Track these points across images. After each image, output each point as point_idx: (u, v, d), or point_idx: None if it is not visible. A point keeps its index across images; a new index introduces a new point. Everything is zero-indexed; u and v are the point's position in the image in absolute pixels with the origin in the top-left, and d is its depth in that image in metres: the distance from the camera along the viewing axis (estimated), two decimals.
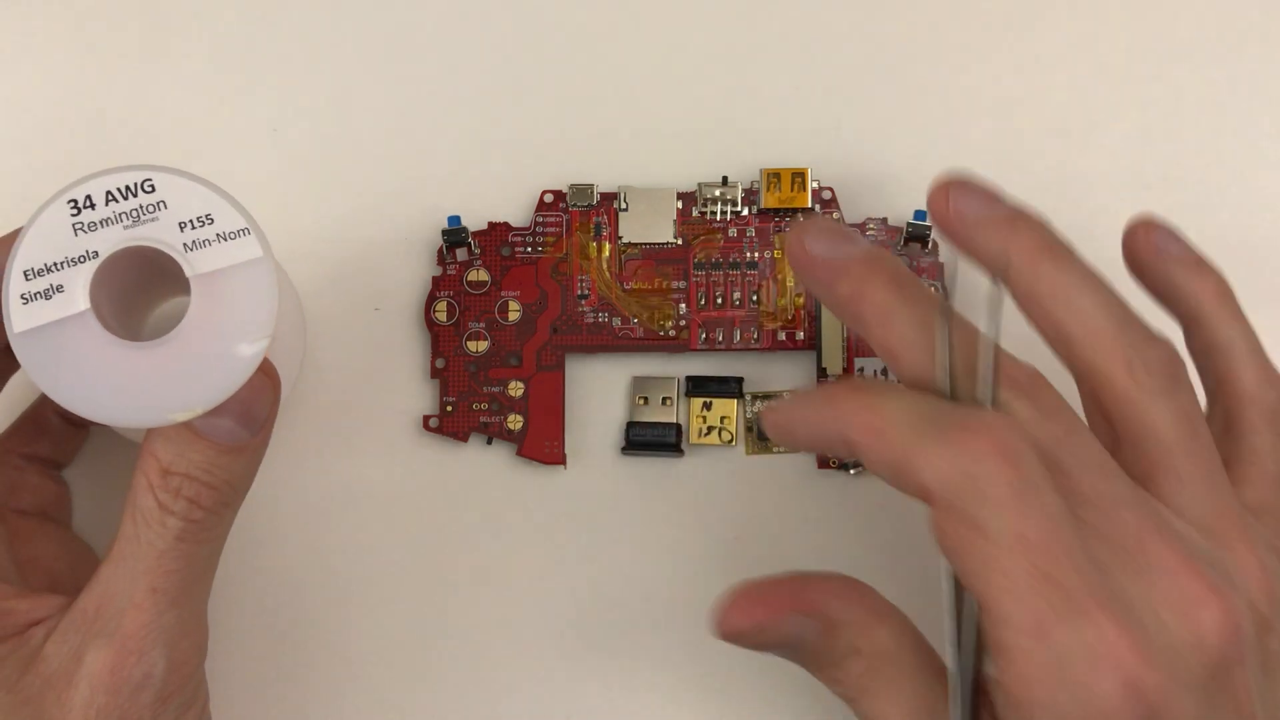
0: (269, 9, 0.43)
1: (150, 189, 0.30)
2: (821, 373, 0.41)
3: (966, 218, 0.33)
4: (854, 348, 0.41)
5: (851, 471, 0.41)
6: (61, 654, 0.31)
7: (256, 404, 0.31)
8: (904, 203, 0.42)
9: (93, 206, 0.30)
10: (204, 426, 0.31)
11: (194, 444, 0.31)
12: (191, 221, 0.30)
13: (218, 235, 0.30)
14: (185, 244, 0.30)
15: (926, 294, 0.32)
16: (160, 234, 0.30)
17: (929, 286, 0.33)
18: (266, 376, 0.31)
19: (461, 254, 0.41)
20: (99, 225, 0.30)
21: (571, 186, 0.42)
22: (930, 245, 0.41)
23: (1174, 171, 0.42)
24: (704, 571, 0.41)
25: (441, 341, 0.41)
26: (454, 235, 0.41)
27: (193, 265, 0.30)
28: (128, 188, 0.30)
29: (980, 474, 0.28)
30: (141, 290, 0.34)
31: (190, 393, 0.29)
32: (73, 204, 0.30)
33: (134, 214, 0.30)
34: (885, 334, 0.31)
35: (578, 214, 0.42)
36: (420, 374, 0.41)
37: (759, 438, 0.41)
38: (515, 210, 0.42)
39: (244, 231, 0.30)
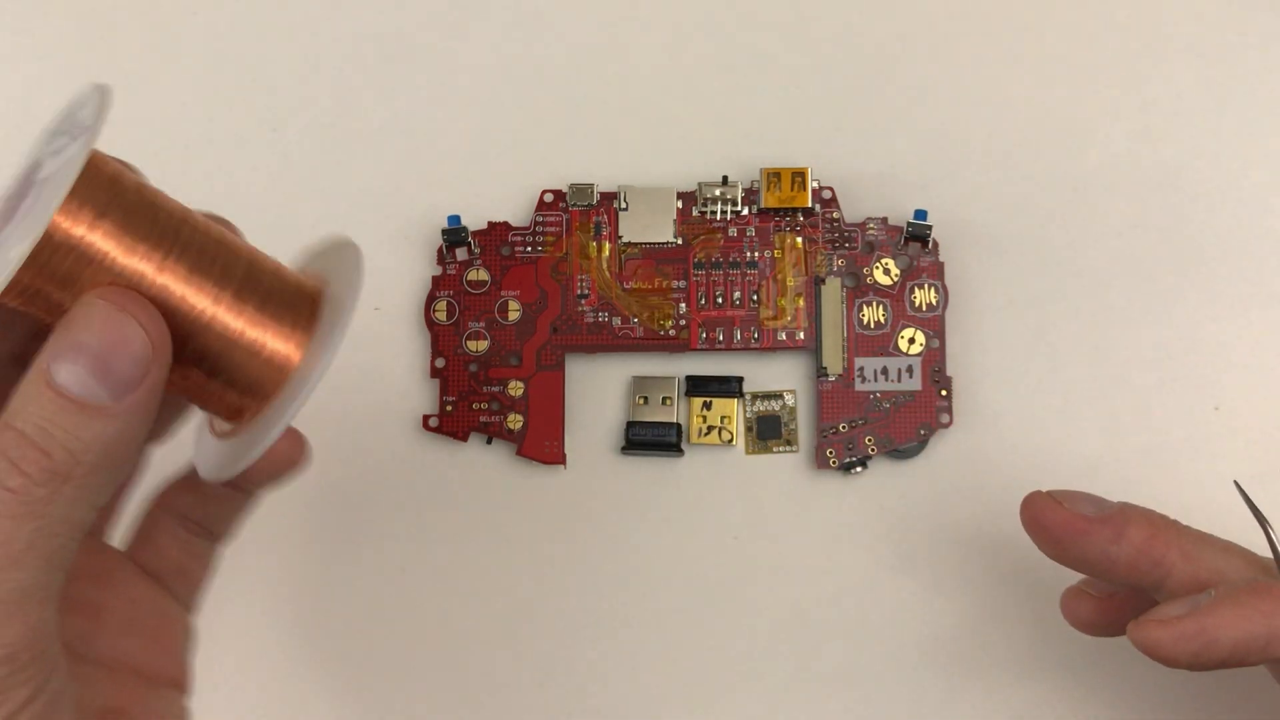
0: (269, 9, 0.43)
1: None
2: (821, 372, 0.41)
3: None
4: (854, 348, 0.41)
5: (853, 472, 0.41)
6: None
7: (118, 357, 0.25)
8: (904, 202, 0.42)
9: None
10: (53, 370, 0.25)
11: (38, 394, 0.25)
12: (62, 131, 0.27)
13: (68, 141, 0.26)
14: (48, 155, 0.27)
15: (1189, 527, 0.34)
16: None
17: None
18: (145, 331, 0.26)
19: (461, 253, 0.41)
20: None
21: (571, 186, 0.42)
22: (930, 245, 0.41)
23: (1174, 171, 0.42)
24: (704, 571, 0.41)
25: (441, 341, 0.41)
26: (454, 235, 0.41)
27: (39, 174, 0.26)
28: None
29: None
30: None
31: None
32: None
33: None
34: (1195, 567, 0.33)
35: (578, 214, 0.42)
36: (420, 374, 0.41)
37: (757, 436, 0.41)
38: (515, 210, 0.42)
39: (80, 133, 0.26)
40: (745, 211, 0.41)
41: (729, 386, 0.41)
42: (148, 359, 0.26)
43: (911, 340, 0.41)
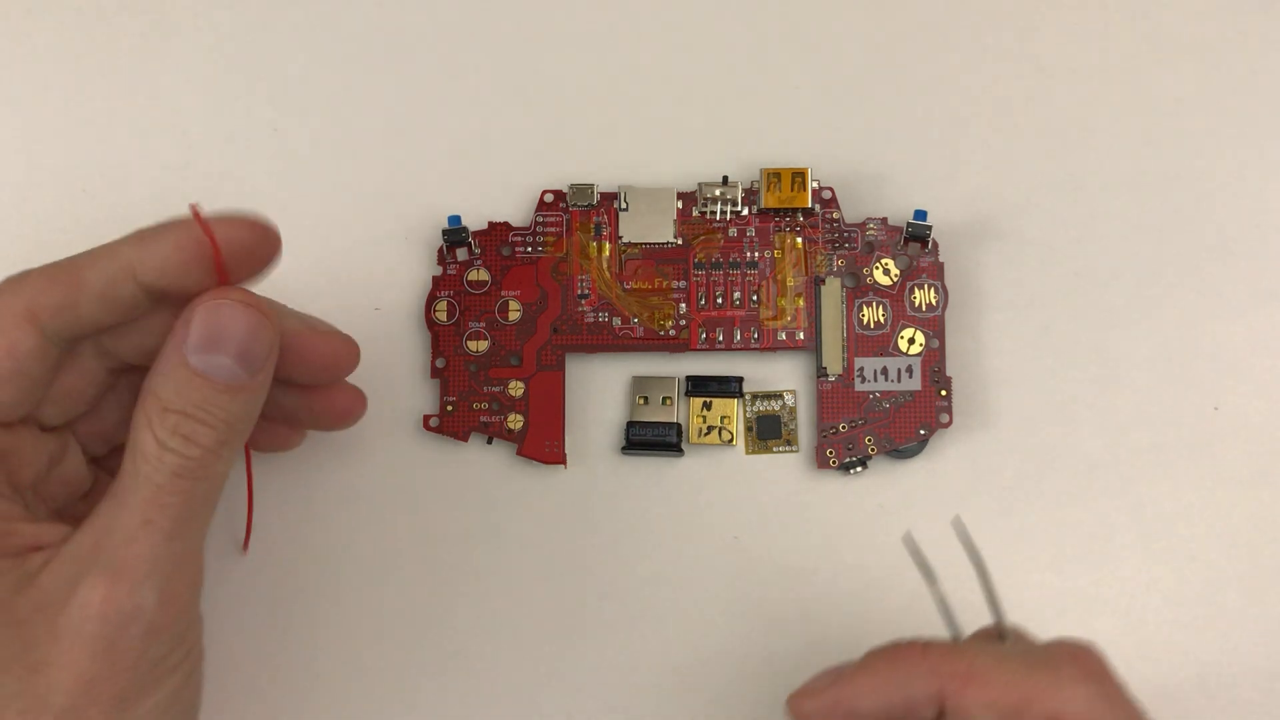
0: (269, 9, 0.43)
1: None
2: (821, 372, 0.41)
3: None
4: (854, 348, 0.41)
5: (853, 472, 0.41)
6: (56, 583, 0.31)
7: (256, 345, 0.32)
8: (904, 203, 0.42)
9: None
10: (203, 365, 0.32)
11: (192, 383, 0.32)
12: None
13: None
14: None
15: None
16: None
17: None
18: (266, 319, 0.32)
19: (462, 254, 0.41)
20: None
21: (571, 186, 0.42)
22: (930, 245, 0.41)
23: (1174, 171, 0.42)
24: (704, 571, 0.41)
25: (441, 341, 0.41)
26: (454, 235, 0.41)
27: None
28: None
29: (1110, 692, 0.30)
30: None
31: None
32: None
33: None
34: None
35: (578, 214, 0.42)
36: (420, 374, 0.42)
37: (757, 436, 0.41)
38: (515, 210, 0.42)
39: None
40: (745, 211, 0.41)
41: (729, 386, 0.41)
42: (273, 343, 0.33)
43: (911, 340, 0.41)
